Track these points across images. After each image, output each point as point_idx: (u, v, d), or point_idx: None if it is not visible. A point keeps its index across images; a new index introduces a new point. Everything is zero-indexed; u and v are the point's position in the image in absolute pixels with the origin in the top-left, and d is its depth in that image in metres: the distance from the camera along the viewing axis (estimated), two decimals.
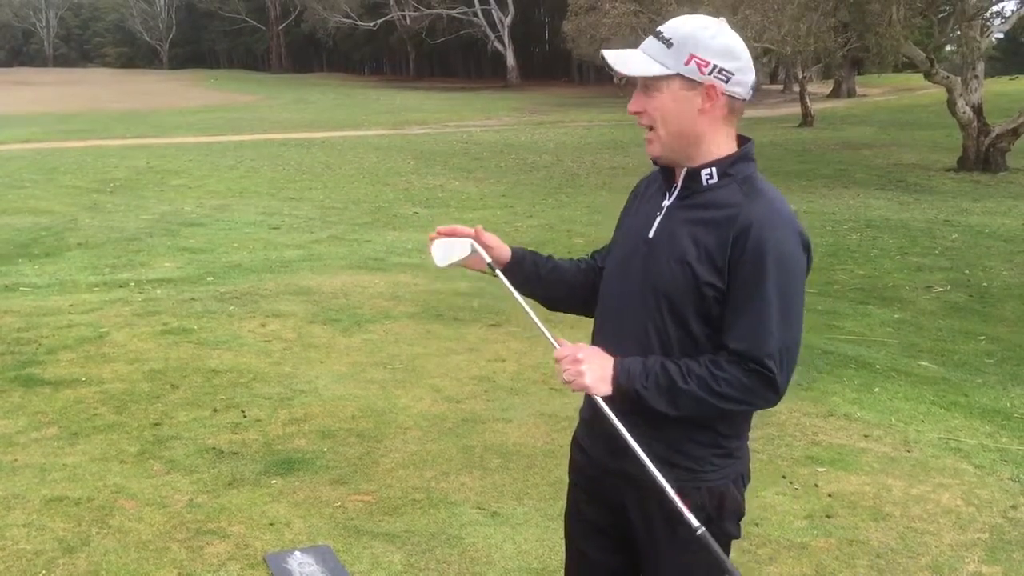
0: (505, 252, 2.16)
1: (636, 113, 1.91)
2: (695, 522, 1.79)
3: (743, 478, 1.99)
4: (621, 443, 1.86)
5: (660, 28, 1.88)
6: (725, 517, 1.95)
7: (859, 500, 4.07)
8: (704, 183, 1.90)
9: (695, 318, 1.86)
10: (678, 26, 1.87)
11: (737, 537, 2.02)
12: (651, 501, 1.92)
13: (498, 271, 2.11)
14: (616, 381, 1.85)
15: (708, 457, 1.93)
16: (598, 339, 2.02)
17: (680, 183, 1.94)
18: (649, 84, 1.87)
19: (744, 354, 1.81)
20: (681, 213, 1.92)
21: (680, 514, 1.82)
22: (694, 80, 1.84)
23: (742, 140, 1.94)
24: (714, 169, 1.89)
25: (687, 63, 1.83)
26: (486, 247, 2.11)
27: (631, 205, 2.13)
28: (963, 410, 5.60)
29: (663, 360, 1.86)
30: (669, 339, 1.89)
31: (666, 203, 1.96)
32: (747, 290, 1.81)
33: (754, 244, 1.79)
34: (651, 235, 1.95)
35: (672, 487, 1.82)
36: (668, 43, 1.85)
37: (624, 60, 1.90)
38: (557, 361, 1.89)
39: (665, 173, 2.00)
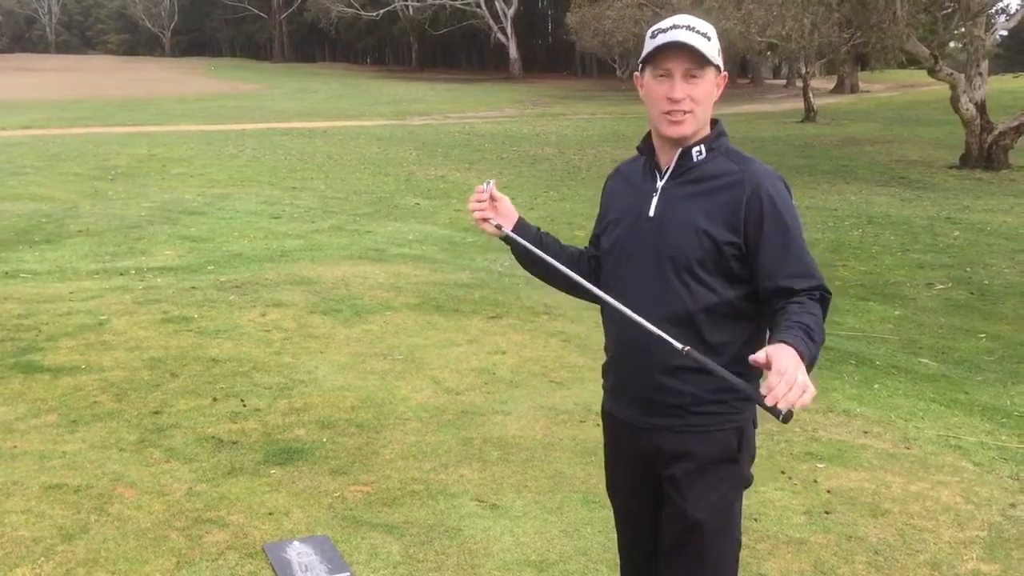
0: (512, 214, 2.36)
1: (679, 100, 2.09)
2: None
3: (754, 422, 2.23)
4: (653, 400, 2.17)
5: (689, 24, 2.09)
6: (743, 455, 2.21)
7: (858, 496, 4.06)
8: (695, 159, 2.17)
9: (712, 275, 2.11)
10: (700, 23, 2.10)
11: (750, 483, 2.24)
12: (683, 443, 2.17)
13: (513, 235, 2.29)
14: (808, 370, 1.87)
15: (730, 401, 2.16)
16: (614, 314, 2.16)
17: (674, 163, 2.19)
18: (696, 73, 2.09)
19: (809, 287, 2.07)
20: (679, 190, 2.18)
21: (709, 443, 2.15)
22: (719, 69, 2.14)
23: (712, 121, 2.21)
24: (702, 146, 2.17)
25: (719, 55, 2.12)
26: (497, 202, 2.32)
27: (619, 189, 2.33)
28: (963, 407, 5.60)
29: (796, 330, 1.93)
30: (690, 298, 2.12)
31: (660, 183, 2.20)
32: (779, 238, 2.09)
33: (768, 200, 2.09)
34: (652, 213, 2.19)
35: (702, 430, 2.15)
36: (707, 37, 2.09)
37: (704, 48, 2.07)
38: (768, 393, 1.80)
39: (651, 157, 2.24)
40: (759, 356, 1.85)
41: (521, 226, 2.36)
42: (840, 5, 20.69)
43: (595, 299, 2.19)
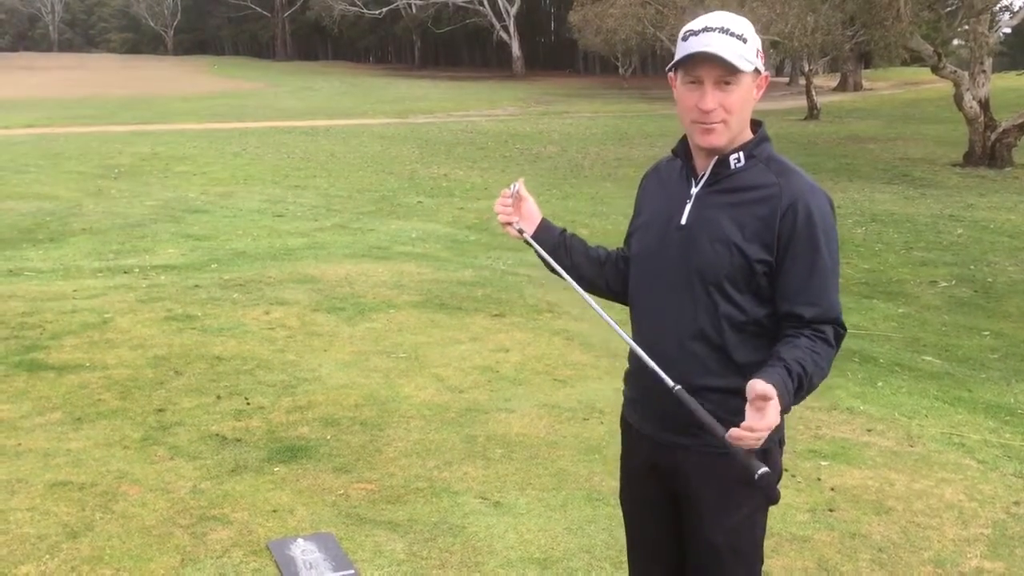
0: (536, 214, 2.31)
1: (709, 110, 1.95)
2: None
3: (781, 441, 2.12)
4: (672, 415, 2.01)
5: (722, 25, 1.94)
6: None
7: (862, 494, 4.06)
8: (732, 167, 2.03)
9: (743, 292, 2.00)
10: (737, 22, 1.96)
11: (776, 501, 2.11)
12: (702, 464, 2.08)
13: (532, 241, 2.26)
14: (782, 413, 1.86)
15: None
16: (641, 324, 2.14)
17: (709, 170, 2.05)
18: (730, 80, 1.94)
19: (820, 318, 1.97)
20: (713, 198, 2.04)
21: (737, 474, 1.94)
22: (759, 71, 1.99)
23: (754, 123, 2.07)
24: (741, 153, 2.03)
25: (757, 56, 1.97)
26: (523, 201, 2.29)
27: (653, 190, 2.22)
28: (967, 405, 5.60)
29: (787, 368, 1.87)
30: (717, 314, 2.01)
31: (694, 190, 2.07)
32: (806, 260, 1.96)
33: (804, 217, 1.95)
34: (684, 221, 2.06)
35: (723, 451, 1.96)
36: (743, 39, 1.94)
37: (738, 55, 1.92)
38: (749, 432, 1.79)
39: (687, 161, 2.11)
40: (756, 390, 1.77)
41: (544, 228, 2.30)
42: (843, 3, 20.66)
43: (621, 301, 2.22)
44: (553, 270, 2.23)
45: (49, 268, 8.62)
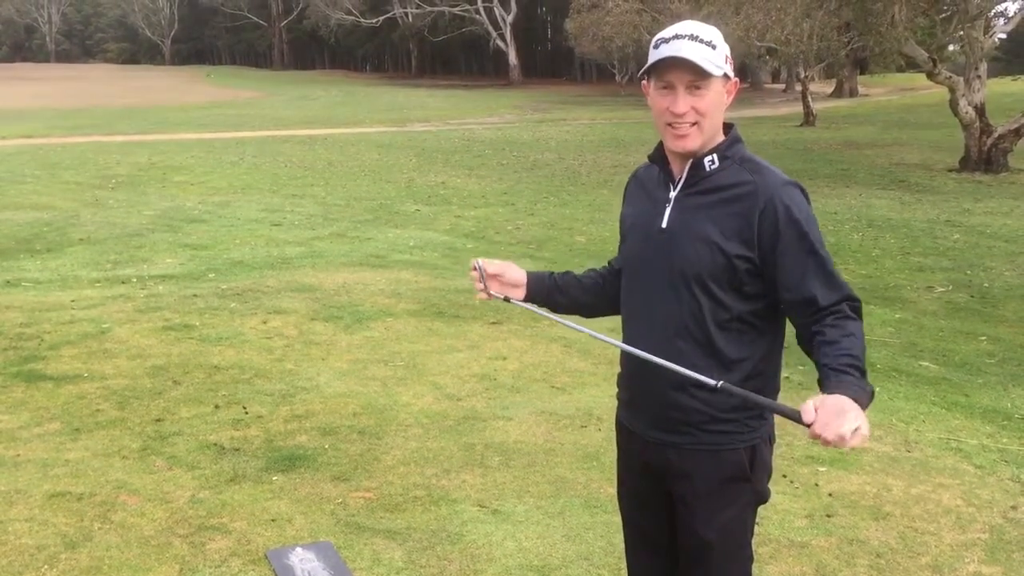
0: (519, 279, 2.36)
1: (681, 113, 2.02)
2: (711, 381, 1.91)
3: (771, 438, 2.19)
4: (664, 415, 2.13)
5: (692, 32, 2.01)
6: (757, 473, 2.16)
7: (859, 500, 4.07)
8: (707, 169, 2.10)
9: (726, 290, 2.05)
10: (705, 30, 2.03)
11: (766, 500, 2.21)
12: (693, 462, 2.13)
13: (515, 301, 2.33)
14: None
15: (743, 419, 2.12)
16: (630, 329, 2.20)
17: (686, 174, 2.12)
18: (701, 84, 2.01)
19: (839, 302, 1.99)
20: (691, 200, 2.11)
21: (719, 463, 2.10)
22: (728, 77, 2.06)
23: (726, 126, 2.14)
24: (715, 155, 2.09)
25: (726, 62, 2.04)
26: (497, 279, 2.34)
27: (635, 196, 2.29)
28: (964, 410, 5.60)
29: (849, 364, 1.86)
30: (703, 313, 2.07)
31: (673, 194, 2.14)
32: (797, 249, 2.00)
33: (784, 214, 2.01)
34: (664, 225, 2.13)
35: (712, 448, 2.11)
36: (711, 45, 2.01)
37: (707, 60, 1.99)
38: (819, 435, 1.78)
39: (664, 166, 2.18)
40: (808, 409, 1.77)
41: (534, 284, 2.37)
42: (839, 9, 20.72)
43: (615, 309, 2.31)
44: (554, 306, 2.39)
45: (47, 278, 8.62)
